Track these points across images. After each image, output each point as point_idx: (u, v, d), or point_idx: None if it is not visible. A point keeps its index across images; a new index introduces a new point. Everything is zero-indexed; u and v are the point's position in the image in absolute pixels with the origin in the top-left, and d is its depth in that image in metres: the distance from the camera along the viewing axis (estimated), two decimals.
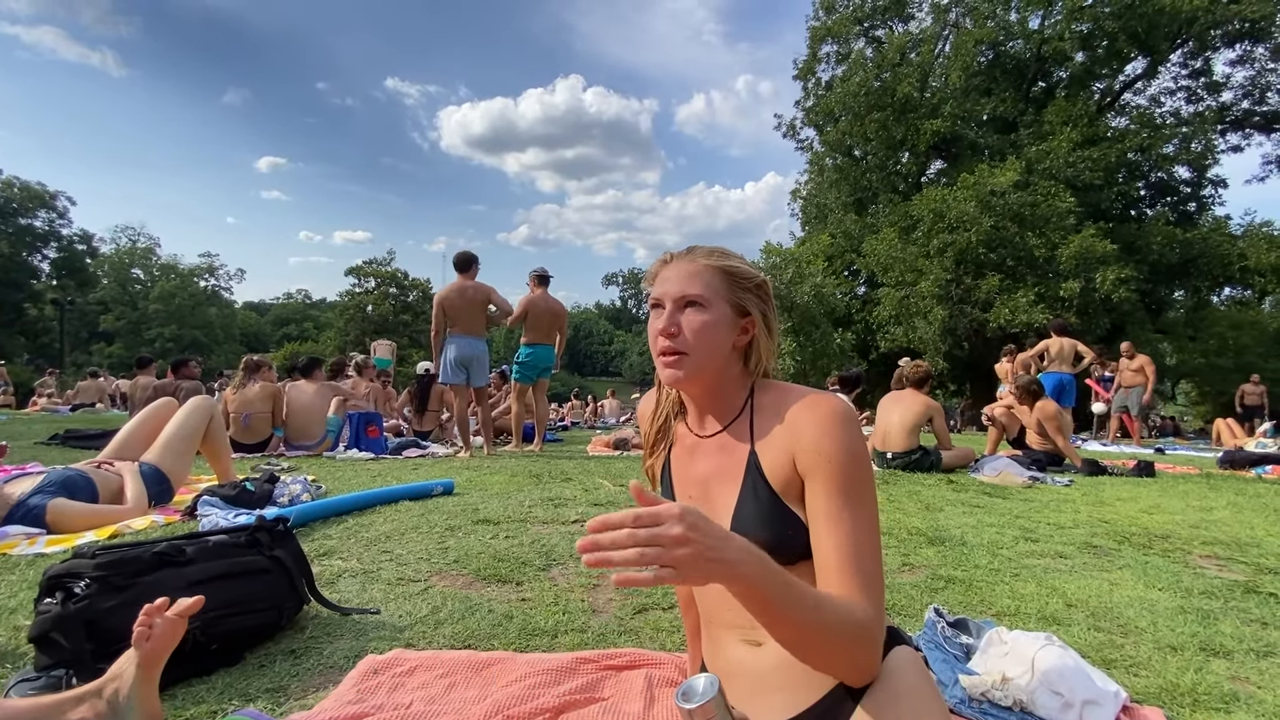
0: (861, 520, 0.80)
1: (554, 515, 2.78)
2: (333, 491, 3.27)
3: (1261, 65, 17.55)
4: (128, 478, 2.70)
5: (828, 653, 0.73)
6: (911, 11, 20.30)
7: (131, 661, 1.04)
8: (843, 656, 0.74)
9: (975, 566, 2.13)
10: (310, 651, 1.41)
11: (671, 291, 0.89)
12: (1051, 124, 16.76)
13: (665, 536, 0.59)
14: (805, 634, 0.71)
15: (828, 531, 0.80)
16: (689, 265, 0.90)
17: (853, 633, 0.73)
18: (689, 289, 0.88)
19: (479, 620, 1.58)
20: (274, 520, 1.62)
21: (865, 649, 0.75)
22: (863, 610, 0.75)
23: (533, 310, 5.84)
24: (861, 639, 0.74)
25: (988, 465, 4.57)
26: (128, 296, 45.76)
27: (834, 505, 0.80)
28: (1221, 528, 2.89)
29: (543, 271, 6.04)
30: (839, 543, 0.79)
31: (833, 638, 0.72)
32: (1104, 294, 14.50)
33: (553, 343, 6.03)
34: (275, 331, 65.29)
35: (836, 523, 0.79)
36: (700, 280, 0.89)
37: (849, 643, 0.73)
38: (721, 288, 0.90)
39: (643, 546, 0.59)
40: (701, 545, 0.60)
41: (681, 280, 0.89)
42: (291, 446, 5.38)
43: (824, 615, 0.71)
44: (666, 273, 0.92)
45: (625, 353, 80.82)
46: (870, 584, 0.77)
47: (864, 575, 0.77)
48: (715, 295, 0.89)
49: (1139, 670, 1.39)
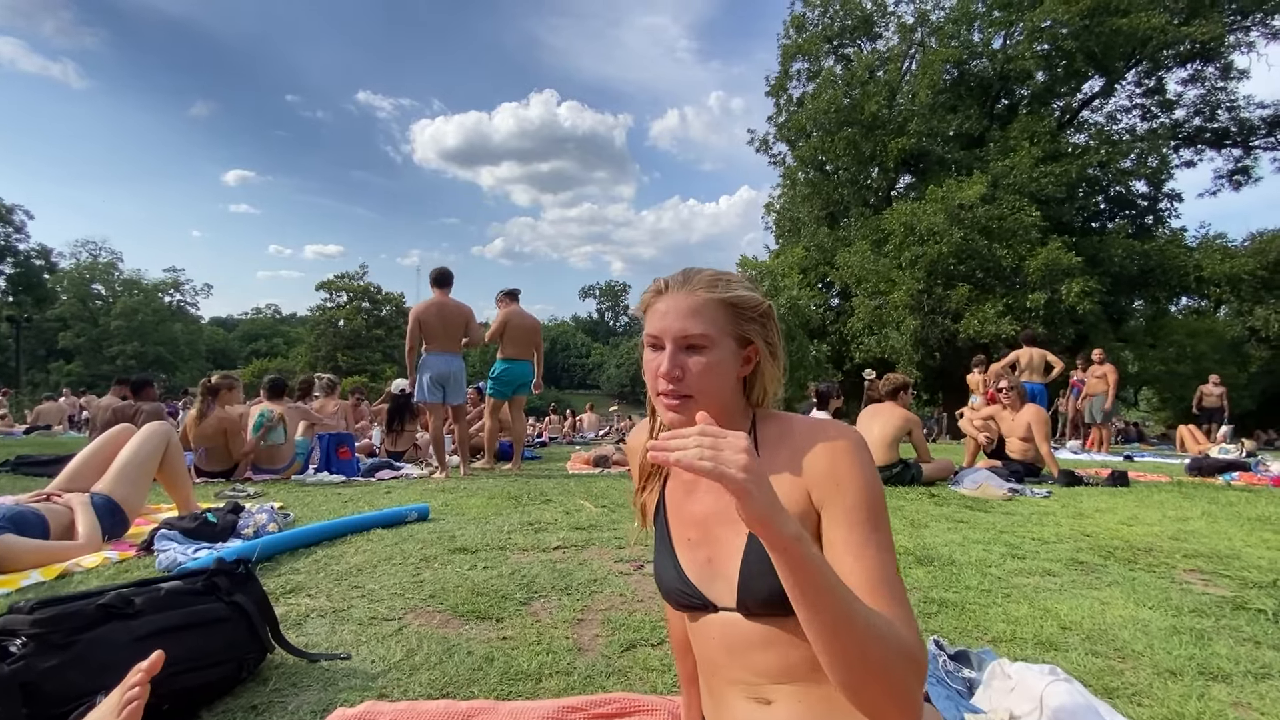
0: (885, 549, 0.74)
1: (534, 542, 2.69)
2: (301, 519, 3.12)
3: (1211, 84, 18.36)
4: (78, 510, 2.54)
5: (872, 669, 0.63)
6: (879, 31, 20.84)
7: None
8: (889, 681, 0.64)
9: (966, 588, 2.10)
10: (274, 706, 1.30)
11: (672, 330, 0.82)
12: (1015, 140, 17.26)
13: (729, 444, 0.62)
14: (846, 633, 0.62)
15: (855, 561, 0.73)
16: (688, 299, 0.83)
17: (900, 650, 0.64)
18: (692, 328, 0.81)
19: (457, 664, 1.49)
20: (233, 562, 1.51)
21: (913, 677, 0.66)
22: (908, 633, 0.67)
23: (510, 325, 5.77)
24: (910, 662, 0.65)
25: (968, 478, 4.59)
26: (88, 313, 44.34)
27: (857, 535, 0.74)
28: (1200, 539, 2.92)
29: (510, 289, 6.00)
30: (869, 571, 0.72)
31: (879, 649, 0.63)
32: (1069, 305, 14.91)
33: (530, 358, 5.94)
34: (244, 348, 63.82)
35: (862, 550, 0.73)
36: (703, 317, 0.82)
37: (896, 661, 0.64)
38: (725, 323, 0.83)
39: (706, 447, 0.62)
40: (757, 472, 0.61)
41: (682, 317, 0.82)
42: (258, 470, 5.18)
43: (870, 617, 0.64)
44: (663, 305, 0.84)
45: (603, 365, 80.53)
46: (908, 613, 0.70)
47: (900, 603, 0.70)
48: (719, 331, 0.83)
49: (1142, 699, 1.35)
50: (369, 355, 44.60)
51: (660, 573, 0.91)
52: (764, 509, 0.60)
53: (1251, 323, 18.69)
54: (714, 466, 0.60)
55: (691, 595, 0.85)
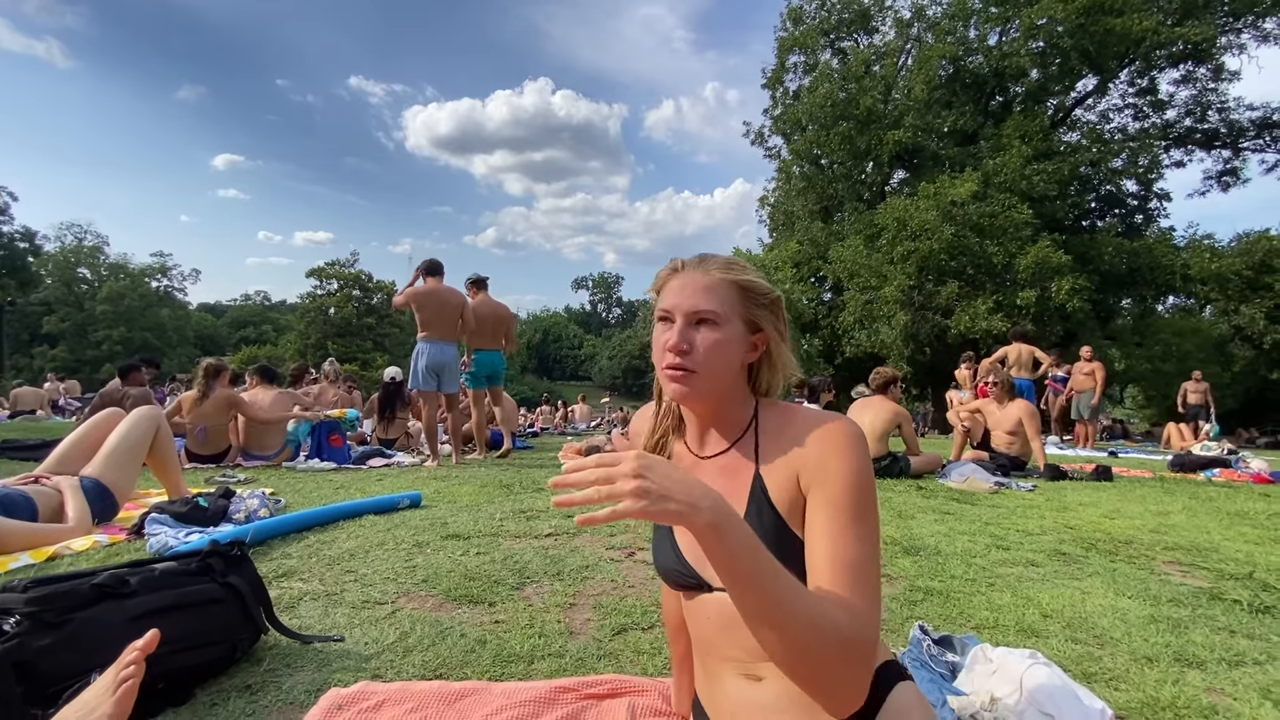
0: (865, 540, 0.75)
1: (526, 529, 2.70)
2: (293, 505, 3.12)
3: (1202, 85, 18.44)
4: (68, 493, 2.53)
5: (804, 654, 0.64)
6: (876, 25, 20.79)
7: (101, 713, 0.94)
8: (822, 664, 0.65)
9: (951, 577, 2.14)
10: (268, 686, 1.31)
11: (684, 305, 0.84)
12: (1008, 137, 17.31)
13: (618, 473, 0.64)
14: (778, 617, 0.63)
15: (827, 549, 0.74)
16: (702, 278, 0.85)
17: (836, 635, 0.65)
18: (703, 304, 0.84)
19: (450, 646, 1.51)
20: (228, 544, 1.51)
21: (851, 663, 0.66)
22: (852, 616, 0.68)
23: (477, 315, 5.72)
24: (848, 647, 0.66)
25: (955, 471, 4.64)
26: (73, 297, 43.75)
27: (836, 523, 0.75)
28: (1180, 533, 2.98)
29: (477, 276, 6.01)
30: (836, 554, 0.73)
31: (811, 634, 0.64)
32: (1058, 303, 15.02)
33: (498, 347, 5.97)
34: (232, 334, 63.23)
35: (837, 535, 0.74)
36: (715, 295, 0.84)
37: (831, 646, 0.65)
38: (736, 303, 0.85)
39: (600, 484, 0.63)
40: (652, 484, 0.63)
41: (695, 294, 0.84)
42: (249, 457, 5.17)
43: (803, 600, 0.65)
44: (677, 283, 0.86)
45: (595, 357, 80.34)
46: (866, 596, 0.71)
47: (862, 590, 0.71)
48: (730, 311, 0.85)
49: (1119, 684, 1.39)
50: (360, 343, 44.32)
51: (657, 553, 0.93)
52: (673, 511, 0.63)
53: (1237, 321, 18.91)
54: (612, 512, 0.62)
55: (688, 575, 0.87)
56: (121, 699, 0.97)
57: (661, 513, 0.62)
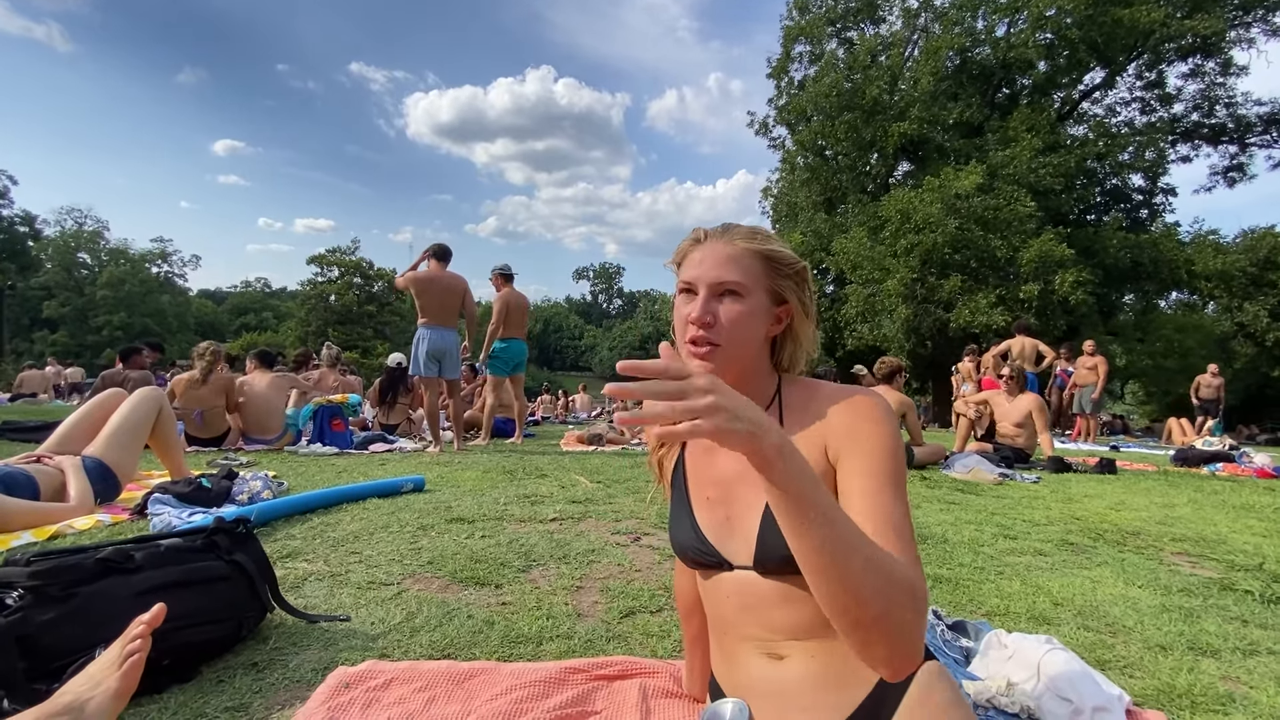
0: (899, 500, 0.73)
1: (531, 513, 2.69)
2: (295, 488, 3.11)
3: (1211, 80, 18.29)
4: (70, 473, 2.51)
5: (872, 598, 0.60)
6: (883, 15, 20.57)
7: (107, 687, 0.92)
8: (885, 610, 0.60)
9: (960, 565, 2.12)
10: (274, 664, 1.30)
11: (707, 276, 0.81)
12: (1015, 130, 17.18)
13: (692, 388, 0.57)
14: (840, 557, 0.59)
15: (865, 504, 0.71)
16: (726, 248, 0.83)
17: (899, 581, 0.61)
18: (727, 275, 0.81)
19: (458, 627, 1.49)
20: (233, 521, 1.50)
21: (912, 611, 0.62)
22: (910, 568, 0.65)
23: (511, 307, 5.99)
24: (909, 594, 0.62)
25: (959, 462, 4.63)
26: (73, 282, 43.64)
27: (872, 483, 0.73)
28: (1187, 524, 2.97)
29: (506, 269, 6.18)
30: (877, 511, 0.70)
31: (874, 578, 0.60)
32: (1061, 296, 14.96)
33: (524, 337, 6.16)
34: (233, 321, 63.13)
35: (875, 495, 0.72)
36: (739, 265, 0.81)
37: (894, 591, 0.60)
38: (761, 274, 0.83)
39: (671, 399, 0.57)
40: (725, 401, 0.57)
41: (719, 264, 0.81)
42: (250, 440, 5.15)
43: (865, 544, 0.61)
44: (699, 254, 0.84)
45: (595, 348, 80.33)
46: (913, 555, 0.68)
47: (906, 545, 0.68)
48: (754, 282, 0.82)
49: (1133, 671, 1.38)
50: (360, 331, 44.25)
51: (676, 531, 0.91)
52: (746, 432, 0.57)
53: (1240, 318, 18.86)
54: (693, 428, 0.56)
55: (707, 553, 0.85)
56: (127, 673, 0.95)
57: (732, 432, 0.57)
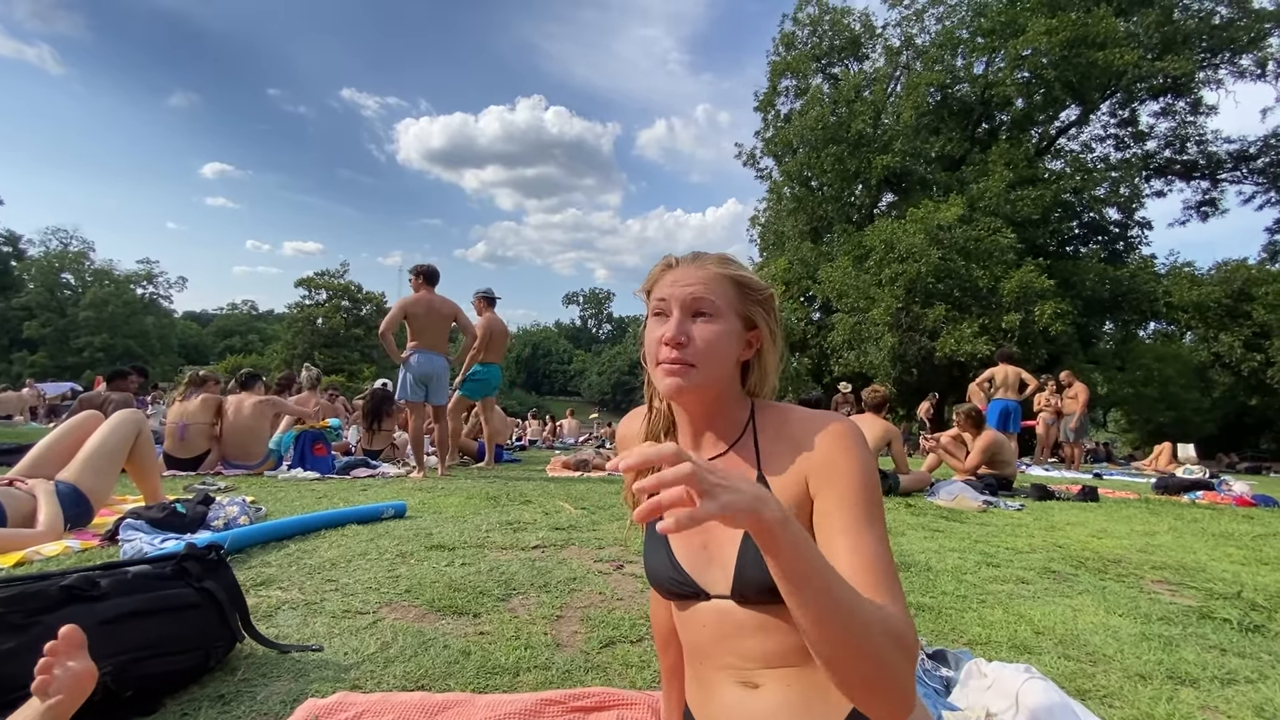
0: (879, 537, 0.73)
1: (513, 540, 2.66)
2: (274, 514, 3.06)
3: (1182, 118, 19.00)
4: (41, 497, 2.45)
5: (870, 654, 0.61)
6: (866, 52, 21.22)
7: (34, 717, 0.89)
8: (878, 664, 0.61)
9: (943, 593, 2.12)
10: (242, 696, 1.26)
11: (681, 295, 0.83)
12: (993, 164, 17.65)
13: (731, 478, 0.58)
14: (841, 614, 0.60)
15: (847, 542, 0.72)
16: (698, 271, 0.84)
17: (894, 633, 0.62)
18: (702, 294, 0.82)
19: (433, 657, 1.46)
20: (205, 547, 1.47)
21: (902, 659, 0.63)
22: (899, 615, 0.66)
23: (494, 332, 6.06)
24: (903, 646, 0.63)
25: (943, 489, 4.65)
26: (55, 303, 43.11)
27: (851, 520, 0.74)
28: (1167, 552, 2.99)
29: (489, 293, 6.26)
30: (861, 552, 0.71)
31: (872, 633, 0.61)
32: (1042, 326, 15.22)
33: (501, 362, 6.25)
34: (217, 343, 62.53)
35: (856, 537, 0.72)
36: (712, 288, 0.83)
37: (889, 645, 0.62)
38: (733, 298, 0.84)
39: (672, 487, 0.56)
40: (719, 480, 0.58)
41: (692, 287, 0.83)
42: (230, 465, 5.07)
43: (857, 595, 0.62)
44: (672, 277, 0.85)
45: (584, 372, 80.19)
46: (894, 592, 0.69)
47: (891, 585, 0.69)
48: (726, 305, 0.84)
49: (1113, 701, 1.37)
50: (347, 354, 43.97)
51: (651, 561, 0.90)
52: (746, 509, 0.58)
53: (1216, 348, 19.24)
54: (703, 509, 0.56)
55: (683, 583, 0.84)
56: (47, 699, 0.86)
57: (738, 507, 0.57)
